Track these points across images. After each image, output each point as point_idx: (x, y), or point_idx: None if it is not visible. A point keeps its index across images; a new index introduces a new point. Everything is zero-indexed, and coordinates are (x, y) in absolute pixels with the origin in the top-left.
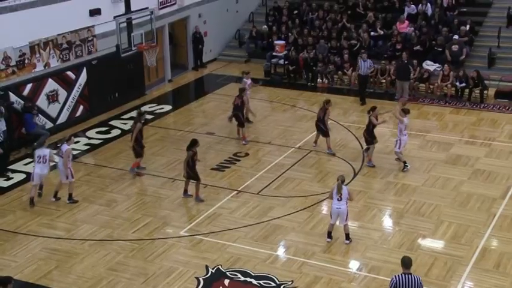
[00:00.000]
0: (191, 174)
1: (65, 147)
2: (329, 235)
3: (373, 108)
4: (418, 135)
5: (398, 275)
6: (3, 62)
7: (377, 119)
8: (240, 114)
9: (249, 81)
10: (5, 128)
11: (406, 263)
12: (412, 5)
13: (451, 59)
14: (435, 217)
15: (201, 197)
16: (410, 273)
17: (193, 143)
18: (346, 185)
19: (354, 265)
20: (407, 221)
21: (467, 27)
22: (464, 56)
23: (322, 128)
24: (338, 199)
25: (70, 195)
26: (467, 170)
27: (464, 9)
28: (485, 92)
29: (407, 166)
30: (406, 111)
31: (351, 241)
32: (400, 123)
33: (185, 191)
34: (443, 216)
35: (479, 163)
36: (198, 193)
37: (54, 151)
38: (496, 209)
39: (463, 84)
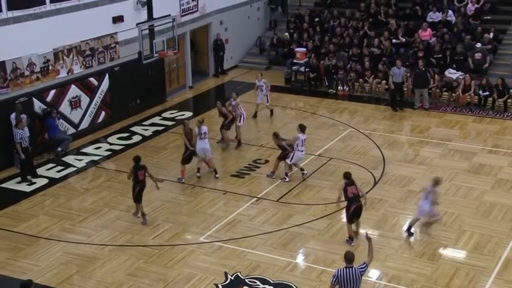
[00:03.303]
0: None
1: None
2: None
3: None
4: (440, 144)
5: (341, 269)
6: (28, 69)
7: None
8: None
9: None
10: (28, 134)
11: (349, 258)
12: (437, 12)
13: (474, 67)
14: (457, 226)
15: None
16: (352, 266)
17: (140, 159)
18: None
19: (374, 274)
20: (428, 230)
21: (491, 35)
22: (487, 64)
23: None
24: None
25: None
26: (490, 180)
27: (488, 17)
28: (509, 100)
29: (285, 179)
30: (302, 128)
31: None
32: (296, 140)
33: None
34: (465, 226)
35: (503, 172)
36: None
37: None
38: None
39: (487, 93)
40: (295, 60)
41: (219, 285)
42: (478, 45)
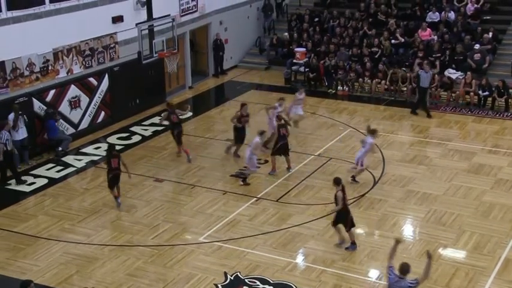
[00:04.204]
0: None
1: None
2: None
3: None
4: (440, 144)
5: (395, 276)
6: (28, 69)
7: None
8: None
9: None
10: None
11: (404, 270)
12: (437, 12)
13: (474, 67)
14: (457, 227)
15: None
16: (404, 278)
17: (114, 147)
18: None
19: (373, 274)
20: (428, 230)
21: (490, 34)
22: (487, 65)
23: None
24: None
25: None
26: (489, 180)
27: (488, 17)
28: (510, 100)
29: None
30: (372, 131)
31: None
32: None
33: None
34: (465, 226)
35: (502, 172)
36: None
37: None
38: None
39: (486, 93)
40: (294, 60)
41: (219, 285)
42: (477, 46)
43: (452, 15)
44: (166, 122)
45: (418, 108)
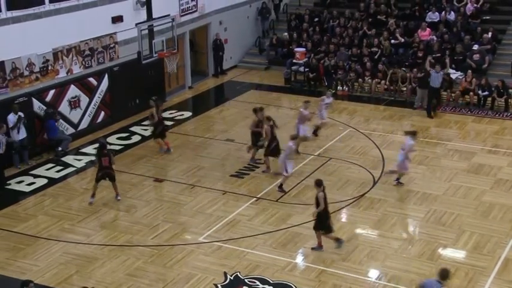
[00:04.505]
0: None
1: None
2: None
3: None
4: (440, 144)
5: (434, 282)
6: (27, 69)
7: None
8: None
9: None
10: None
11: (444, 275)
12: (436, 12)
13: (474, 67)
14: (456, 227)
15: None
16: (442, 284)
17: (105, 145)
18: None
19: (373, 274)
20: (428, 230)
21: (490, 34)
22: (486, 65)
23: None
24: None
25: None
26: (489, 180)
27: (488, 17)
28: (509, 100)
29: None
30: (411, 134)
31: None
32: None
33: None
34: (464, 226)
35: (502, 172)
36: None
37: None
38: None
39: (486, 93)
40: (294, 60)
41: (219, 285)
42: (475, 47)
43: (452, 15)
44: (147, 123)
45: (433, 110)
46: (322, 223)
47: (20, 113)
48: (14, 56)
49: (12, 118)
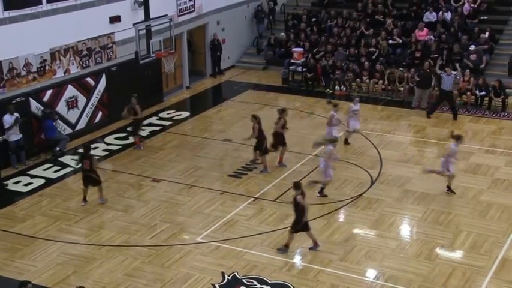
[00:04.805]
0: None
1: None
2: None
3: None
4: (437, 144)
5: None
6: (25, 69)
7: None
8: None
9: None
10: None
11: None
12: (434, 12)
13: (471, 67)
14: (454, 226)
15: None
16: None
17: (89, 148)
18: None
19: (371, 274)
20: (425, 230)
21: (487, 34)
22: (484, 65)
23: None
24: None
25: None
26: (487, 179)
27: (485, 17)
28: (506, 100)
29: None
30: (457, 138)
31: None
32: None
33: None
34: (462, 226)
35: (500, 172)
36: (102, 194)
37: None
38: None
39: (483, 93)
40: (292, 60)
41: (216, 285)
42: (472, 47)
43: (449, 15)
44: (126, 114)
45: (456, 113)
46: (297, 223)
47: (16, 114)
48: (11, 56)
49: (8, 119)
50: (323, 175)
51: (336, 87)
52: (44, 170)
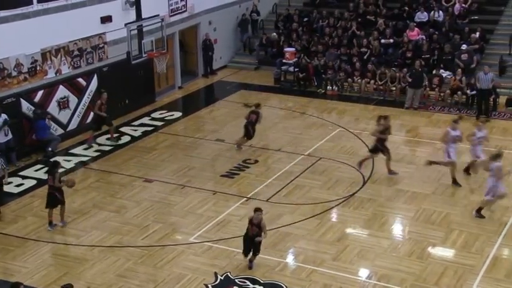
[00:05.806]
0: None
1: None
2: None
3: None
4: (429, 143)
5: None
6: (16, 69)
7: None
8: (249, 126)
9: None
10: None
11: None
12: (425, 12)
13: (462, 67)
14: (445, 225)
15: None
16: None
17: (55, 165)
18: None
19: (363, 273)
20: (417, 229)
21: (478, 34)
22: (475, 65)
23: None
24: None
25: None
26: (478, 179)
27: (476, 17)
28: (497, 100)
29: None
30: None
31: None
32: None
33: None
34: (453, 225)
35: None
36: (63, 218)
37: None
38: (507, 217)
39: (474, 92)
40: (284, 60)
41: (209, 286)
42: (464, 46)
43: (440, 15)
44: (98, 112)
45: (486, 114)
46: (251, 244)
47: (5, 116)
48: (2, 57)
49: None
50: (489, 194)
51: (328, 87)
52: (36, 170)
